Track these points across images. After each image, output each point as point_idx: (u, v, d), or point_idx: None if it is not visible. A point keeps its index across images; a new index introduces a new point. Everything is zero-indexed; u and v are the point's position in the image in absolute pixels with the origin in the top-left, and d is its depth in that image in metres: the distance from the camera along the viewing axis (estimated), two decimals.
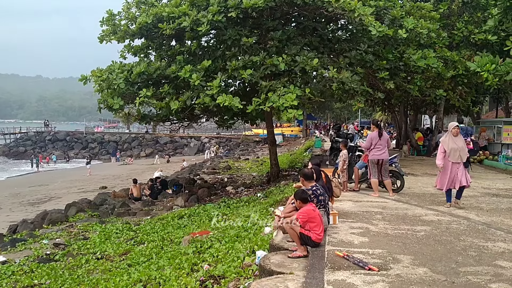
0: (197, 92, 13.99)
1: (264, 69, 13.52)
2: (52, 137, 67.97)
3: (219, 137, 64.41)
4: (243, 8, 13.19)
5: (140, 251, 9.29)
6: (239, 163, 33.03)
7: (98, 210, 16.20)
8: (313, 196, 6.12)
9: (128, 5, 15.85)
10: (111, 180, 33.07)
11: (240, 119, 20.03)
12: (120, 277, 7.30)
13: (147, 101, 14.62)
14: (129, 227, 12.12)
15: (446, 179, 8.59)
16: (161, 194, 19.26)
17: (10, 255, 10.35)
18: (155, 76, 14.63)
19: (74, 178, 37.20)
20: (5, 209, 21.83)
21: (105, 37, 15.62)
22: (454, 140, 8.61)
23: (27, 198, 25.89)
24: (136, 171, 37.34)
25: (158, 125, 34.18)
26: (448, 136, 8.75)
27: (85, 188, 28.71)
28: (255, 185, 18.88)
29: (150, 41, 16.06)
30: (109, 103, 14.96)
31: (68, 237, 11.63)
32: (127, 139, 65.44)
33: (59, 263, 9.22)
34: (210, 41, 16.60)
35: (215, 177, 24.33)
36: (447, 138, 8.70)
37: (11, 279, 8.26)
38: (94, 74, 15.27)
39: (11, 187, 32.60)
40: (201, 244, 8.45)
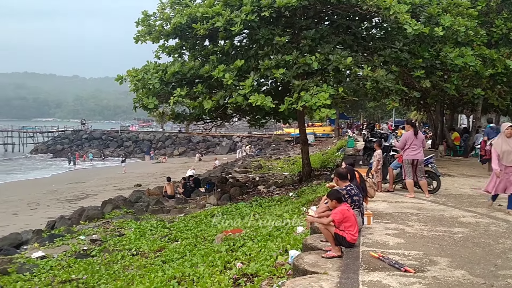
0: (230, 92, 14.08)
1: (297, 68, 13.48)
2: (88, 135, 69.70)
3: (251, 136, 64.60)
4: (276, 7, 13.19)
5: (174, 248, 9.43)
6: (270, 162, 33.04)
7: (133, 207, 16.52)
8: (347, 196, 6.07)
9: (162, 5, 16.09)
10: (146, 178, 33.66)
11: (272, 118, 20.03)
12: (155, 273, 7.43)
13: (181, 100, 14.80)
14: (163, 224, 12.31)
15: (497, 183, 8.16)
16: (194, 192, 19.48)
17: (49, 250, 10.66)
18: (189, 76, 14.80)
19: (109, 175, 38.04)
20: (43, 206, 22.53)
21: (141, 37, 15.90)
22: (508, 142, 8.10)
23: (65, 195, 26.64)
24: (169, 170, 37.84)
25: (191, 124, 34.52)
26: (500, 137, 8.31)
27: (120, 186, 29.32)
28: (286, 185, 18.85)
29: (184, 41, 16.25)
30: (144, 103, 15.22)
31: (104, 233, 11.91)
32: (161, 138, 66.45)
33: (96, 259, 9.45)
34: (243, 41, 16.67)
35: (247, 176, 24.42)
36: (500, 140, 8.23)
37: (49, 274, 8.51)
38: (129, 74, 15.59)
39: (49, 184, 33.61)
40: (234, 242, 8.51)
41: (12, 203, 24.29)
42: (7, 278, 8.21)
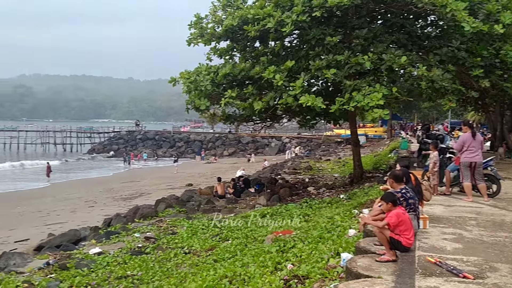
0: (280, 93, 14.08)
1: (349, 68, 13.29)
2: (142, 136, 71.78)
3: (300, 137, 64.34)
4: (327, 7, 13.07)
5: (225, 247, 9.53)
6: (320, 163, 32.75)
7: (185, 206, 16.84)
8: (403, 199, 5.91)
9: (214, 8, 16.33)
10: (197, 178, 34.27)
11: (322, 119, 19.85)
12: (207, 271, 7.54)
13: (232, 101, 14.95)
14: (214, 223, 12.47)
15: None
16: (244, 192, 19.62)
17: (105, 247, 11.04)
18: (240, 77, 14.93)
19: (162, 175, 39.01)
20: (100, 204, 23.41)
21: (193, 40, 16.21)
22: None
23: (120, 193, 27.56)
24: (220, 170, 38.33)
25: (240, 125, 34.84)
26: None
27: (172, 185, 29.99)
28: (337, 186, 18.62)
29: (235, 43, 16.42)
30: (196, 104, 15.50)
31: (157, 231, 12.21)
32: (211, 138, 67.45)
33: (150, 256, 9.69)
34: (293, 41, 16.64)
35: (296, 177, 24.32)
36: None
37: (106, 270, 8.81)
38: (182, 76, 15.92)
39: (104, 183, 34.89)
40: (284, 243, 8.49)
41: (71, 200, 25.41)
42: (66, 273, 8.57)
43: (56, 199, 26.52)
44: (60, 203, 24.44)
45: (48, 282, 7.94)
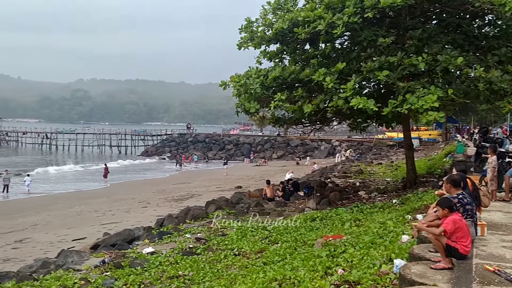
0: (330, 95, 13.94)
1: (402, 69, 12.98)
2: (193, 138, 73.14)
3: (350, 140, 63.41)
4: (380, 8, 12.84)
5: (275, 250, 9.52)
6: (371, 167, 32.12)
7: (234, 208, 16.99)
8: (459, 204, 5.70)
9: (265, 11, 16.41)
10: (246, 180, 34.49)
11: (374, 122, 19.47)
12: (257, 274, 7.56)
13: (281, 104, 14.95)
14: (263, 226, 12.50)
15: None
16: (293, 195, 19.54)
17: (158, 247, 11.30)
18: (289, 80, 14.91)
19: (212, 177, 39.56)
20: (152, 204, 24.03)
21: (243, 43, 16.35)
22: None
23: (172, 194, 28.17)
24: (268, 173, 38.39)
25: (289, 128, 34.77)
26: None
27: (222, 187, 30.34)
28: (389, 191, 18.19)
29: (285, 46, 16.41)
30: (246, 107, 15.62)
31: (208, 233, 12.37)
32: (260, 141, 67.72)
33: (201, 257, 9.83)
34: (344, 43, 16.43)
35: (347, 181, 23.97)
36: None
37: (158, 269, 9.01)
38: (232, 80, 16.10)
39: (157, 184, 35.79)
40: (334, 248, 8.39)
41: (125, 201, 26.24)
42: (121, 271, 8.84)
43: (112, 199, 27.47)
44: (115, 204, 25.29)
45: (103, 279, 8.20)
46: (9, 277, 9.10)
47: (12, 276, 9.20)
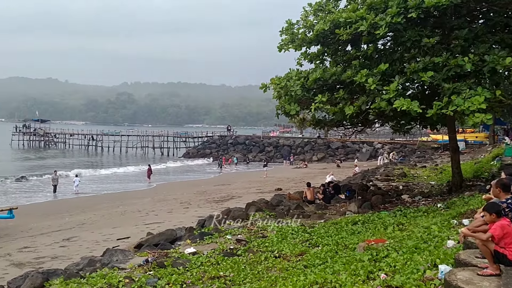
0: (373, 97, 13.72)
1: (447, 70, 12.62)
2: (233, 140, 73.76)
3: (393, 142, 62.19)
4: (424, 8, 12.54)
5: (315, 253, 9.45)
6: (415, 170, 31.39)
7: (274, 210, 16.98)
8: (508, 209, 5.49)
9: (305, 13, 16.36)
10: (286, 182, 34.44)
11: (418, 124, 19.02)
12: (297, 277, 7.53)
13: (322, 106, 14.84)
14: (304, 229, 12.43)
15: None
16: (333, 198, 19.36)
17: (199, 247, 11.43)
18: (331, 82, 14.78)
19: (252, 179, 39.76)
20: (194, 205, 24.37)
21: (284, 45, 16.35)
22: None
23: (212, 196, 28.50)
24: (309, 175, 38.19)
25: (330, 130, 34.47)
26: None
27: (262, 189, 30.43)
28: (434, 195, 17.72)
29: (326, 47, 16.30)
30: (286, 109, 15.61)
31: (248, 234, 12.42)
32: (300, 143, 67.50)
33: (241, 258, 9.88)
34: (387, 44, 16.14)
35: (389, 184, 23.53)
36: None
37: (200, 269, 9.12)
38: (273, 82, 16.11)
39: (198, 185, 36.30)
40: (376, 252, 8.25)
41: (168, 201, 26.76)
42: (164, 271, 9.00)
43: (155, 200, 28.08)
44: (158, 204, 25.83)
45: (147, 278, 8.38)
46: (57, 274, 9.44)
47: (60, 273, 9.54)
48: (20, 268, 12.81)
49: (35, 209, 26.24)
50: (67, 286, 8.31)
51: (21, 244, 16.86)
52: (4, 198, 31.19)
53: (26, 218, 22.34)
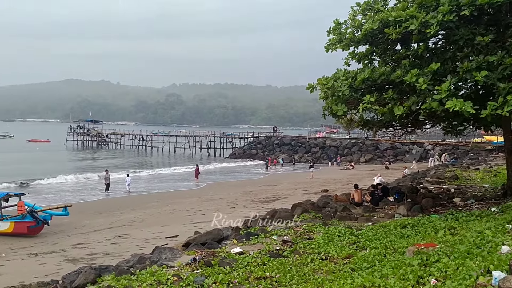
0: (423, 97, 13.36)
1: (503, 69, 12.10)
2: (279, 141, 73.77)
3: (444, 144, 60.30)
4: (477, 5, 12.09)
5: (363, 256, 9.32)
6: (467, 173, 30.29)
7: (321, 212, 16.86)
8: None
9: (354, 13, 16.15)
10: (332, 184, 34.12)
11: (471, 125, 18.35)
12: (344, 280, 7.46)
13: (370, 107, 14.59)
14: (351, 231, 12.27)
15: None
16: (382, 201, 18.99)
17: (245, 247, 11.51)
18: (379, 82, 14.51)
19: (298, 180, 39.65)
20: (240, 205, 24.59)
21: (331, 45, 16.20)
22: None
23: (258, 196, 28.64)
24: (356, 176, 37.69)
25: (378, 131, 33.85)
26: None
27: (308, 190, 30.28)
28: (487, 198, 17.05)
29: (375, 46, 16.02)
30: (333, 110, 15.45)
31: (294, 236, 12.39)
32: (347, 144, 66.64)
33: (287, 259, 9.87)
34: (438, 43, 15.68)
35: (440, 187, 22.84)
36: None
37: (246, 269, 9.18)
38: (320, 82, 16.00)
39: (244, 185, 36.57)
40: (427, 256, 8.04)
41: (214, 201, 27.14)
42: (211, 270, 9.13)
43: (202, 199, 28.55)
44: (205, 203, 26.25)
45: (195, 277, 8.52)
46: (109, 271, 9.77)
47: (112, 270, 9.87)
48: (74, 264, 13.38)
49: (88, 207, 27.32)
50: (118, 282, 8.57)
51: (75, 240, 17.59)
52: (58, 196, 32.66)
53: (80, 216, 23.28)
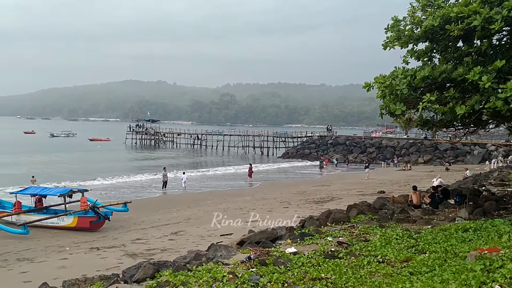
0: (487, 96, 12.75)
1: None
2: (333, 141, 72.91)
3: (509, 144, 57.35)
4: None
5: (422, 260, 9.02)
6: None
7: (377, 213, 16.49)
8: None
9: (413, 9, 15.69)
10: (389, 185, 33.31)
11: None
12: (402, 284, 7.25)
13: (430, 106, 14.12)
14: (409, 234, 11.91)
15: None
16: (442, 203, 18.34)
17: (300, 247, 11.46)
18: (440, 80, 14.00)
19: (352, 180, 39.02)
20: (293, 205, 24.51)
21: (389, 43, 15.81)
22: None
23: (312, 196, 28.43)
24: (413, 178, 36.62)
25: (438, 130, 32.69)
26: None
27: (363, 191, 29.73)
28: None
29: (435, 43, 15.48)
30: (391, 109, 15.07)
31: (350, 237, 12.19)
32: (405, 144, 64.85)
33: (343, 261, 9.72)
34: (503, 39, 14.93)
35: (505, 190, 21.77)
36: None
37: (301, 270, 9.12)
38: (377, 81, 15.64)
39: (297, 185, 36.44)
40: (490, 262, 7.68)
41: (268, 200, 27.21)
42: (265, 269, 9.15)
43: (255, 198, 28.72)
44: (259, 202, 26.38)
45: (250, 275, 8.57)
46: (167, 266, 10.02)
47: (169, 265, 10.11)
48: (133, 258, 13.84)
49: (145, 204, 28.19)
50: (175, 277, 8.77)
51: (134, 236, 18.19)
52: (119, 192, 33.93)
53: (138, 212, 24.07)
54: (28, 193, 23.01)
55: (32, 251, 16.30)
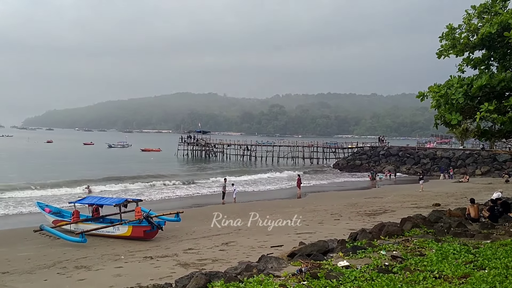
0: None
1: None
2: (385, 152, 71.30)
3: None
4: None
5: (481, 276, 8.64)
6: None
7: (432, 227, 15.94)
8: None
9: (469, 16, 15.21)
10: (444, 197, 32.14)
11: None
12: None
13: (488, 115, 13.57)
14: (467, 249, 11.43)
15: None
16: (502, 217, 17.49)
17: (352, 261, 11.24)
18: (499, 89, 13.46)
19: (406, 192, 37.93)
20: (345, 217, 24.10)
21: (444, 51, 15.39)
22: None
23: (364, 208, 27.86)
24: (471, 190, 35.14)
25: (496, 141, 31.32)
26: None
27: (418, 204, 28.83)
28: None
29: (493, 51, 14.91)
30: (446, 119, 14.60)
31: (404, 251, 11.85)
32: (461, 155, 62.42)
33: (397, 276, 9.45)
34: None
35: None
36: None
37: (353, 284, 8.95)
38: (431, 90, 15.21)
39: (349, 197, 35.84)
40: None
41: (318, 212, 26.92)
42: (317, 282, 9.05)
43: (305, 210, 28.47)
44: (309, 214, 26.14)
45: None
46: (218, 277, 10.10)
47: (221, 276, 10.19)
48: (185, 268, 14.04)
49: (196, 214, 28.58)
50: None
51: (186, 245, 18.47)
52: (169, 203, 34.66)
53: (190, 222, 24.44)
54: (85, 202, 23.94)
55: (89, 259, 16.89)
